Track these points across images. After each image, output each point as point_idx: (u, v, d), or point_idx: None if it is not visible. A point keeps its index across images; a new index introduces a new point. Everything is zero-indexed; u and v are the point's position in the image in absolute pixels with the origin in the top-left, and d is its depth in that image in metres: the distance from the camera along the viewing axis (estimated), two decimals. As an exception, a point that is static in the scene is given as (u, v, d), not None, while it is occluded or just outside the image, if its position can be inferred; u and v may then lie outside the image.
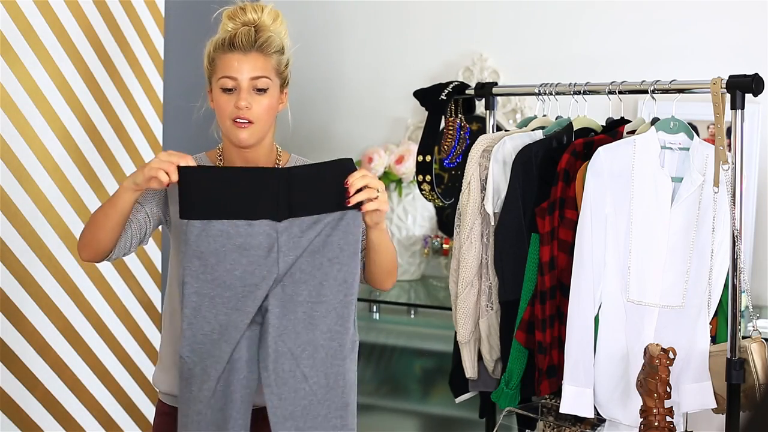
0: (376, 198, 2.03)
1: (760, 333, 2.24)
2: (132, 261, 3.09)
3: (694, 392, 2.27)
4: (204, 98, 2.24)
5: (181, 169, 1.99)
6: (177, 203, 2.04)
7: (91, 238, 2.08)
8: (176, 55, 3.27)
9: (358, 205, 2.03)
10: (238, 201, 2.00)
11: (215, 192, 2.00)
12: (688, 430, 2.38)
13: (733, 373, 2.19)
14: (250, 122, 2.11)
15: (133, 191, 2.02)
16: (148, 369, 3.16)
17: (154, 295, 3.19)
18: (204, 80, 2.21)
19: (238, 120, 2.11)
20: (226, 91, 2.12)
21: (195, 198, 1.99)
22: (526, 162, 2.41)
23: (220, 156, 2.21)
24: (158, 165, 1.98)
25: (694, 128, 2.38)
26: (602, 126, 2.55)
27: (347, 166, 2.03)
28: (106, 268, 2.99)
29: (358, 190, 2.02)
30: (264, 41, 2.13)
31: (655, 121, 2.34)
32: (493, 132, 2.69)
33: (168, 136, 3.24)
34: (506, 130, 2.66)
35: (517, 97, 3.56)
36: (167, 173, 1.97)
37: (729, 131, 2.24)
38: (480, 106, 2.81)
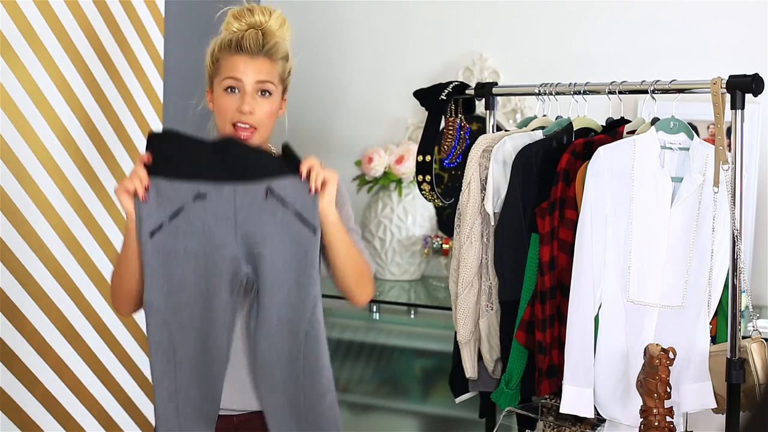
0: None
1: (760, 333, 2.24)
2: (132, 261, 3.09)
3: (694, 392, 2.27)
4: (201, 97, 2.23)
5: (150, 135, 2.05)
6: None
7: (124, 293, 2.10)
8: (176, 55, 3.27)
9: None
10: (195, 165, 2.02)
11: (176, 154, 2.02)
12: (688, 430, 2.38)
13: (733, 373, 2.19)
14: (252, 128, 2.10)
15: (132, 230, 2.02)
16: (148, 369, 3.15)
17: (154, 295, 3.19)
18: (203, 79, 2.20)
19: (240, 125, 2.09)
20: (229, 90, 2.09)
21: (159, 158, 2.02)
22: (526, 162, 2.41)
23: None
24: (120, 188, 1.99)
25: (694, 128, 2.38)
26: (602, 126, 2.55)
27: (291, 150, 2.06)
28: (106, 267, 2.99)
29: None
30: (272, 47, 2.12)
31: (655, 121, 2.34)
32: (493, 132, 2.69)
33: (168, 136, 3.24)
34: (506, 130, 2.66)
35: (517, 97, 3.56)
36: (131, 190, 1.98)
37: (729, 131, 2.24)
38: (480, 106, 2.81)
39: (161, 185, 2.00)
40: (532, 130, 2.54)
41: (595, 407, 2.32)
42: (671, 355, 2.10)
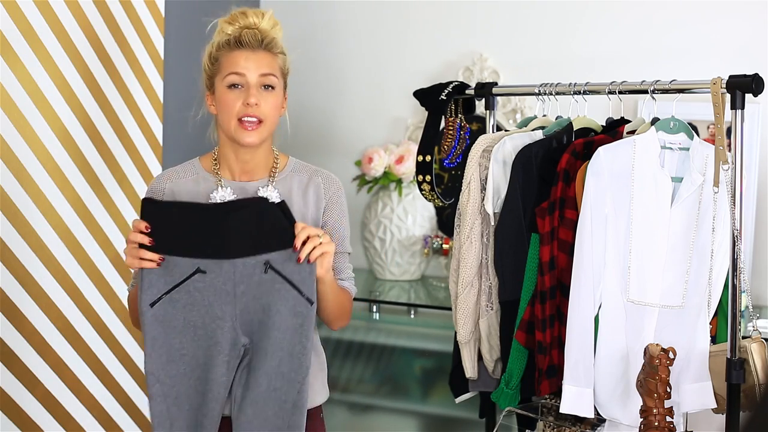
0: (320, 244, 2.03)
1: (760, 333, 2.24)
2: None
3: (694, 392, 2.27)
4: (199, 105, 2.23)
5: (144, 204, 2.05)
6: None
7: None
8: (176, 55, 3.27)
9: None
10: (191, 238, 2.03)
11: (173, 227, 2.03)
12: (688, 430, 2.38)
13: (733, 373, 2.19)
14: (259, 121, 2.10)
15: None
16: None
17: (154, 295, 3.18)
18: (200, 88, 2.20)
19: (246, 119, 2.09)
20: (233, 87, 2.10)
21: (157, 231, 2.03)
22: (526, 162, 2.41)
23: (215, 160, 2.19)
24: (129, 259, 2.04)
25: (694, 128, 2.38)
26: (602, 126, 2.55)
27: (284, 210, 2.04)
28: (106, 267, 2.99)
29: (304, 243, 2.03)
30: (270, 41, 2.14)
31: (655, 121, 2.34)
32: (493, 132, 2.69)
33: (168, 136, 3.24)
34: (506, 130, 2.66)
35: (517, 97, 3.56)
36: (141, 259, 2.03)
37: (729, 131, 2.24)
38: (480, 106, 2.81)
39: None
40: (532, 130, 2.54)
41: (595, 407, 2.32)
42: (671, 355, 2.10)
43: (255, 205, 2.05)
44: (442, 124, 2.79)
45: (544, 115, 2.62)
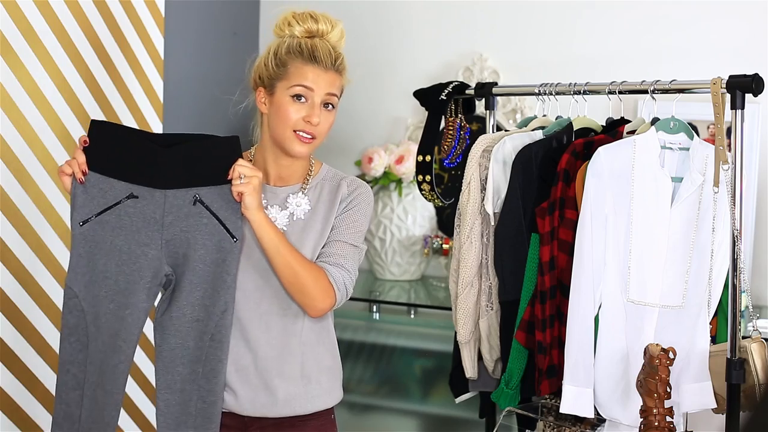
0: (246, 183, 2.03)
1: (760, 333, 2.24)
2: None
3: (694, 392, 2.27)
4: (243, 94, 2.24)
5: (93, 123, 2.09)
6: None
7: None
8: (176, 55, 3.27)
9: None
10: (130, 164, 2.07)
11: (116, 151, 2.07)
12: (688, 430, 2.39)
13: (733, 373, 2.19)
14: (313, 137, 2.13)
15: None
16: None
17: (154, 295, 3.18)
18: (247, 77, 2.21)
19: (303, 134, 2.11)
20: (296, 98, 2.11)
21: (99, 152, 2.07)
22: (526, 162, 2.41)
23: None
24: (60, 170, 2.06)
25: (694, 128, 2.38)
26: (602, 126, 2.56)
27: (232, 146, 2.07)
28: (106, 268, 2.99)
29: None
30: (341, 62, 2.19)
31: (655, 121, 2.34)
32: (493, 132, 2.69)
33: (168, 136, 3.24)
34: (506, 130, 2.66)
35: (517, 97, 3.56)
36: (68, 173, 2.05)
37: (729, 131, 2.24)
38: (480, 106, 2.81)
39: (97, 179, 2.07)
40: (532, 130, 2.55)
41: (595, 407, 2.32)
42: (671, 355, 2.10)
43: (201, 140, 2.08)
44: (442, 124, 2.79)
45: (544, 115, 2.62)
